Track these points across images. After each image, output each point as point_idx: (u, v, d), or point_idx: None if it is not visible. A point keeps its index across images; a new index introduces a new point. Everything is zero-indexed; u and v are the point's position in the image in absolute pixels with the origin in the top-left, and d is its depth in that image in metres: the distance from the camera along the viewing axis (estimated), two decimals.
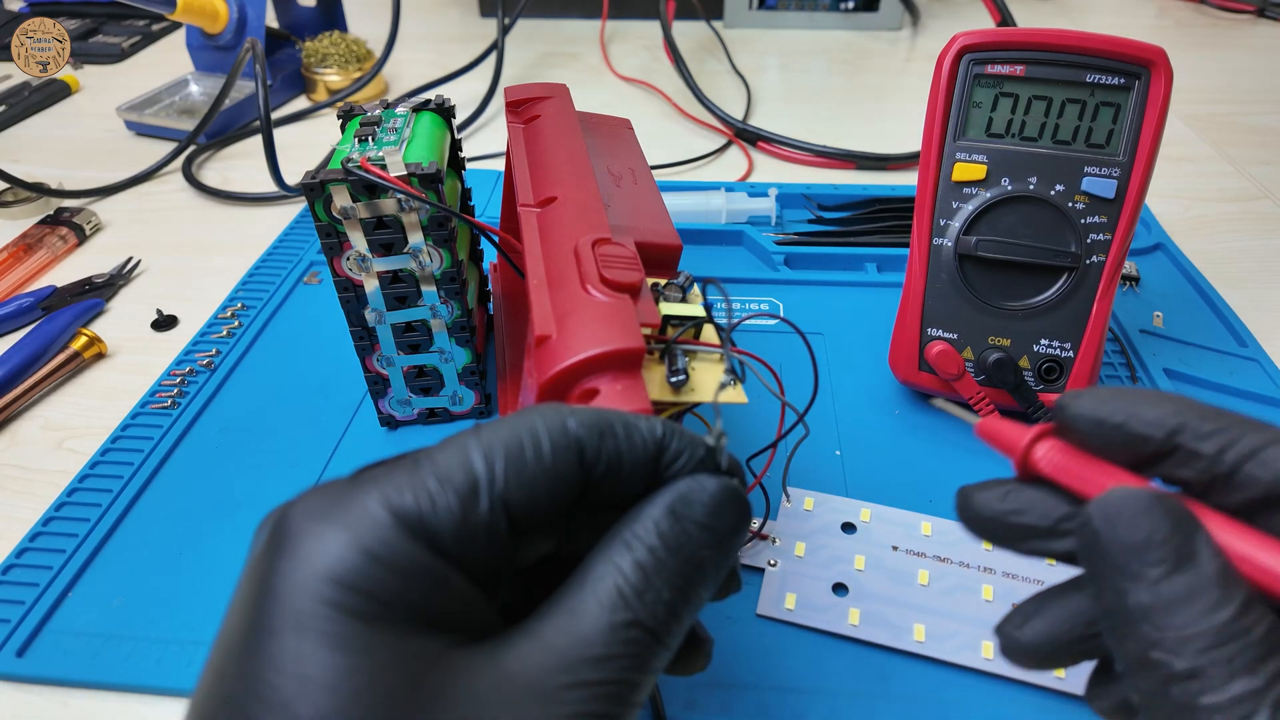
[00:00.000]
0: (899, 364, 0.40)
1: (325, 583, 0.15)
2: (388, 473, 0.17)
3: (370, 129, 0.35)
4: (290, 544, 0.16)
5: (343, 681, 0.14)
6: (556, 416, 0.18)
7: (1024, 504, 0.20)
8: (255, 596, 0.15)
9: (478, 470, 0.17)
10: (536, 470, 0.17)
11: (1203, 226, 0.56)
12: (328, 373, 0.44)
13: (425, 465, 0.17)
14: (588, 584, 0.17)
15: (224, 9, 0.73)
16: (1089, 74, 0.34)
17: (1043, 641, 0.20)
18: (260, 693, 0.14)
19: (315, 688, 0.14)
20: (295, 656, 0.14)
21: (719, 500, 0.18)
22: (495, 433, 0.17)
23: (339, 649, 0.14)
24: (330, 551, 0.15)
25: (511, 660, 0.16)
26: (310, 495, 0.17)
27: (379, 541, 0.15)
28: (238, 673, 0.15)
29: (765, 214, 0.55)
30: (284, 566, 0.15)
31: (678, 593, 0.17)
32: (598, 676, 0.16)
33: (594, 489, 0.18)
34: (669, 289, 0.28)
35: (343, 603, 0.15)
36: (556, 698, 0.15)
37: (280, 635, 0.15)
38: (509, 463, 0.17)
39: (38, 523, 0.36)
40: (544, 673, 0.16)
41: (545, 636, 0.16)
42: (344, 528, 0.16)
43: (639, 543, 0.17)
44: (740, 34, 0.92)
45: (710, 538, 0.18)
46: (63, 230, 0.56)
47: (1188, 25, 0.93)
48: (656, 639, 0.17)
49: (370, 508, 0.16)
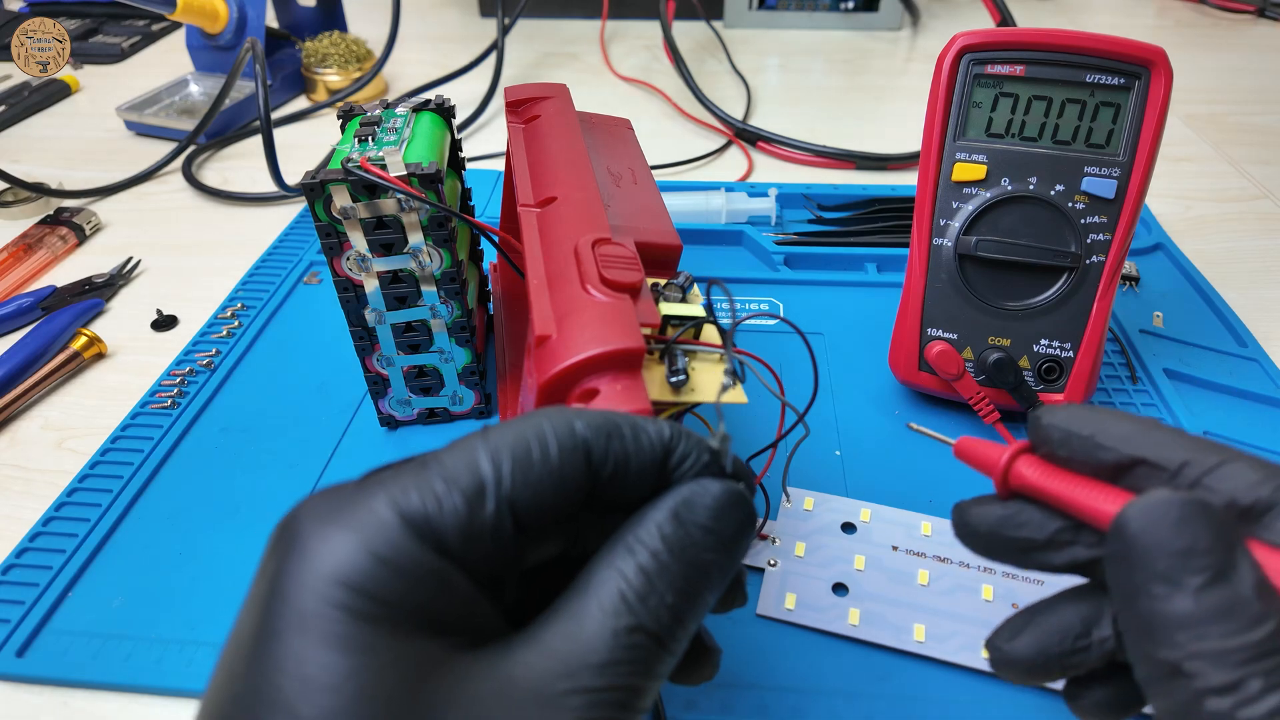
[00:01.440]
0: (899, 364, 0.40)
1: (331, 584, 0.15)
2: (395, 475, 0.17)
3: (370, 129, 0.35)
4: (298, 546, 0.16)
5: (345, 683, 0.14)
6: (564, 419, 0.18)
7: (1021, 517, 0.21)
8: (264, 597, 0.15)
9: (484, 472, 0.17)
10: (543, 472, 0.17)
11: (1203, 226, 0.56)
12: (328, 373, 0.44)
13: (433, 467, 0.17)
14: (590, 589, 0.17)
15: (224, 9, 0.73)
16: (1089, 74, 0.34)
17: (1033, 655, 0.20)
18: (265, 693, 0.14)
19: (317, 688, 0.14)
20: (299, 657, 0.14)
21: (723, 504, 0.18)
22: (502, 435, 0.17)
23: (342, 650, 0.14)
24: (336, 553, 0.15)
25: (514, 665, 0.16)
26: (319, 497, 0.17)
27: (385, 543, 0.15)
28: (245, 673, 0.15)
29: (765, 214, 0.55)
30: (291, 568, 0.15)
31: (681, 597, 0.17)
32: (600, 683, 0.16)
33: (601, 491, 0.18)
34: (669, 289, 0.28)
35: (347, 604, 0.15)
36: (558, 704, 0.15)
37: (285, 636, 0.15)
38: (516, 464, 0.17)
39: (38, 523, 0.36)
40: (546, 678, 0.16)
41: (548, 642, 0.16)
42: (350, 529, 0.16)
43: (642, 547, 0.17)
44: (740, 34, 0.92)
45: (714, 541, 0.18)
46: (63, 230, 0.56)
47: (1188, 25, 0.93)
48: (660, 644, 0.17)
49: (377, 509, 0.16)
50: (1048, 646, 0.20)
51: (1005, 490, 0.21)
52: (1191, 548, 0.16)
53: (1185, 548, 0.16)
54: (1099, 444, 0.19)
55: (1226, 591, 0.16)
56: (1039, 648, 0.20)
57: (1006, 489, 0.21)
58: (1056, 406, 0.21)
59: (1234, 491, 0.18)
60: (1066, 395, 0.37)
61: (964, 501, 0.22)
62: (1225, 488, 0.18)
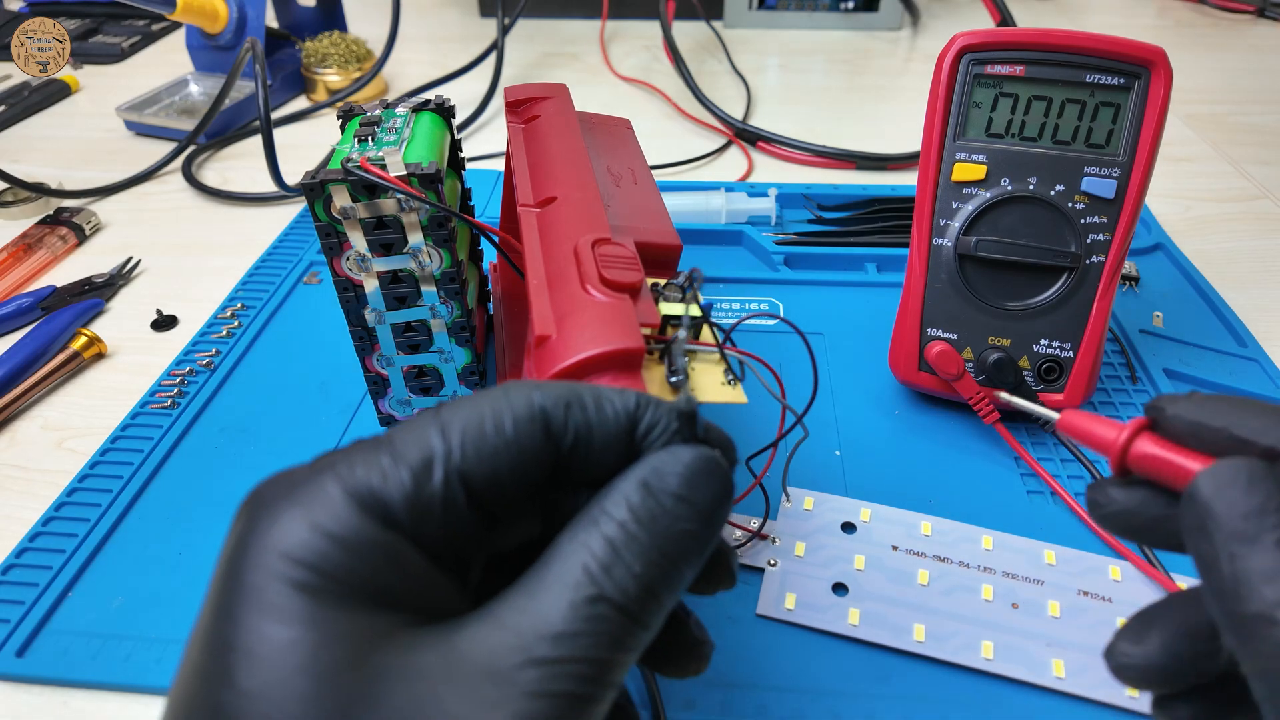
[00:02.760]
0: (899, 364, 0.40)
1: (277, 558, 0.15)
2: (346, 454, 0.17)
3: (370, 129, 0.35)
4: (250, 524, 0.16)
5: (285, 655, 0.14)
6: (521, 390, 0.18)
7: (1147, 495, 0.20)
8: (220, 575, 0.16)
9: (433, 445, 0.17)
10: (498, 442, 0.17)
11: (1203, 226, 0.56)
12: (328, 373, 0.44)
13: (383, 445, 0.17)
14: (552, 563, 0.16)
15: (224, 9, 0.73)
16: (1089, 74, 0.34)
17: (1164, 659, 0.19)
18: (214, 667, 0.15)
19: (259, 660, 0.14)
20: (244, 630, 0.15)
21: (695, 471, 0.17)
22: (455, 409, 0.17)
23: (284, 623, 0.15)
24: (283, 529, 0.16)
25: (465, 639, 0.15)
26: (275, 478, 0.17)
27: (330, 517, 0.16)
28: (200, 647, 0.15)
29: (765, 214, 0.55)
30: (244, 544, 0.16)
31: (651, 568, 0.16)
32: (556, 654, 0.15)
33: (566, 464, 0.18)
34: (669, 289, 0.28)
35: (292, 577, 0.15)
36: (510, 677, 0.15)
37: (234, 610, 0.15)
38: (467, 436, 0.17)
39: (38, 523, 0.36)
40: (499, 651, 0.15)
41: (501, 616, 0.16)
42: (298, 505, 0.16)
43: (607, 518, 0.16)
44: (740, 34, 0.92)
45: (687, 510, 0.17)
46: (63, 230, 0.56)
47: (1188, 25, 0.93)
48: (629, 616, 0.16)
49: (324, 485, 0.16)
50: (1178, 649, 0.19)
51: (1121, 469, 0.20)
52: (1264, 506, 0.17)
53: (1259, 506, 0.17)
54: (1237, 436, 0.18)
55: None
56: (1170, 651, 0.19)
57: (1123, 469, 0.20)
58: (1178, 396, 0.20)
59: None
60: (1066, 395, 0.37)
61: (1096, 484, 0.21)
62: None
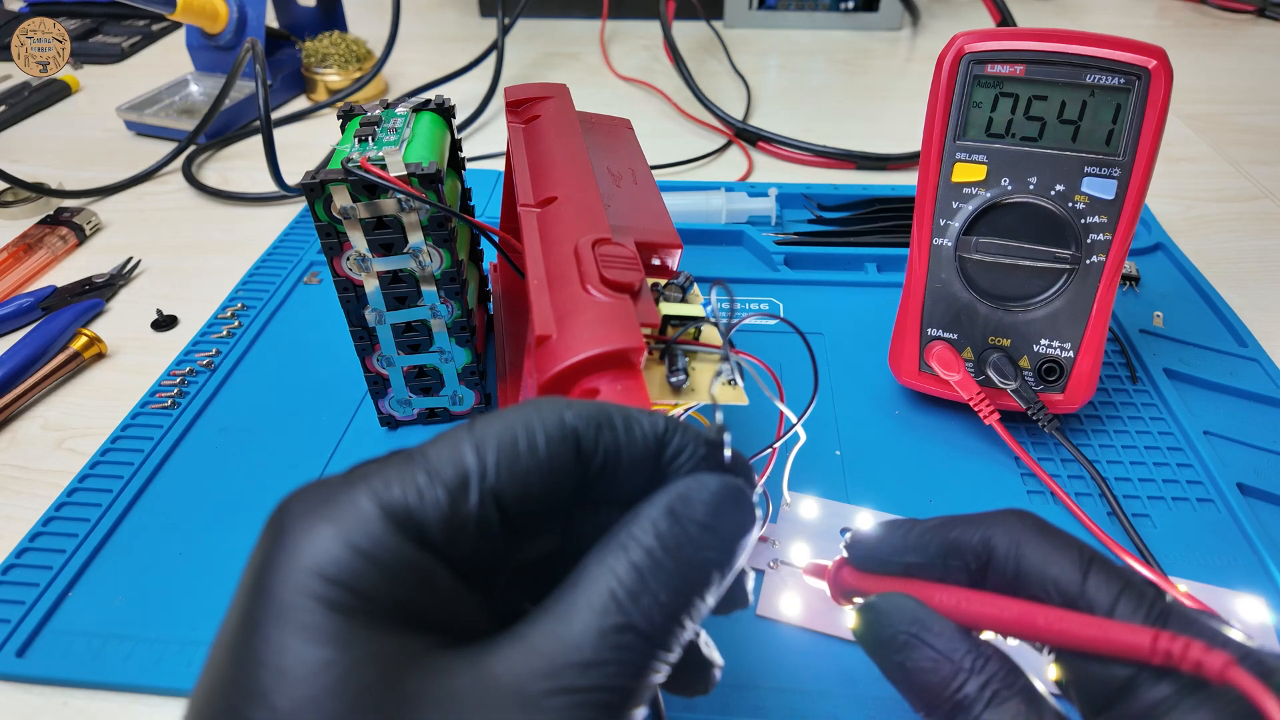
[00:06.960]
0: (899, 364, 0.40)
1: (310, 576, 0.15)
2: (380, 468, 0.17)
3: (370, 129, 0.35)
4: (281, 538, 0.16)
5: (319, 675, 0.14)
6: (553, 409, 0.18)
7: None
8: (247, 589, 0.16)
9: (468, 463, 0.16)
10: (530, 462, 0.17)
11: (1203, 226, 0.56)
12: (328, 373, 0.44)
13: (417, 460, 0.17)
14: (580, 587, 0.16)
15: (224, 9, 0.73)
16: (1089, 74, 0.34)
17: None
18: (244, 683, 0.14)
19: (291, 680, 0.14)
20: (276, 648, 0.14)
21: (721, 500, 0.17)
22: (489, 426, 0.17)
23: (317, 642, 0.14)
24: (316, 545, 0.15)
25: (496, 663, 0.15)
26: (306, 490, 0.17)
27: (365, 536, 0.15)
28: (226, 663, 0.15)
29: (765, 214, 0.54)
30: (273, 560, 0.15)
31: (677, 596, 0.16)
32: (585, 683, 0.15)
33: (593, 483, 0.18)
34: (669, 289, 0.28)
35: (325, 596, 0.15)
36: (540, 704, 0.15)
37: (264, 627, 0.15)
38: (501, 455, 0.17)
39: (38, 523, 0.36)
40: (528, 677, 0.15)
41: (532, 640, 0.16)
42: (332, 522, 0.16)
43: (635, 544, 0.17)
44: (740, 34, 0.92)
45: (712, 539, 0.17)
46: (63, 230, 0.56)
47: (1188, 25, 0.93)
48: (653, 644, 0.16)
49: (359, 502, 0.16)
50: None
51: (838, 593, 0.25)
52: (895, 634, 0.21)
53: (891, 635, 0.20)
54: (893, 562, 0.23)
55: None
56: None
57: (839, 592, 0.25)
58: (861, 532, 0.24)
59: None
60: (1066, 395, 0.37)
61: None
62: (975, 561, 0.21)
